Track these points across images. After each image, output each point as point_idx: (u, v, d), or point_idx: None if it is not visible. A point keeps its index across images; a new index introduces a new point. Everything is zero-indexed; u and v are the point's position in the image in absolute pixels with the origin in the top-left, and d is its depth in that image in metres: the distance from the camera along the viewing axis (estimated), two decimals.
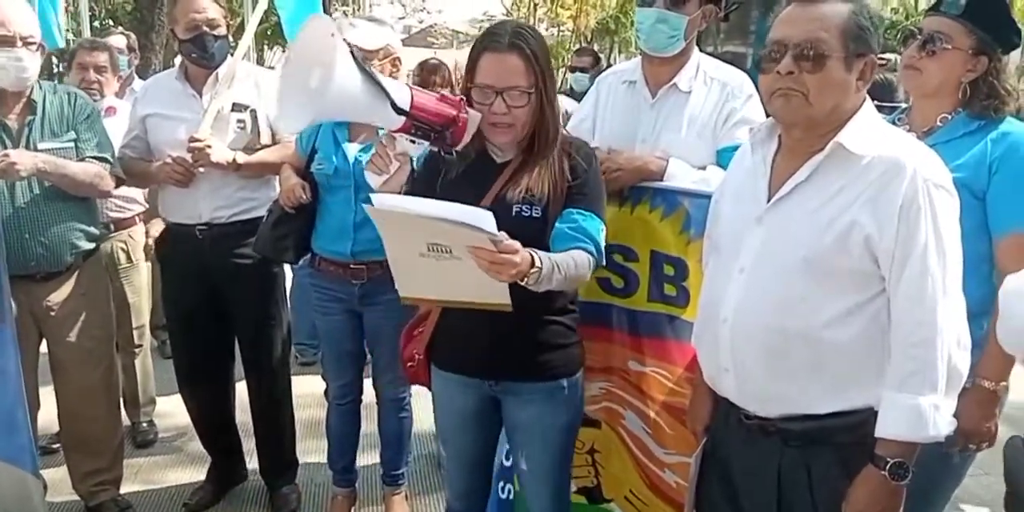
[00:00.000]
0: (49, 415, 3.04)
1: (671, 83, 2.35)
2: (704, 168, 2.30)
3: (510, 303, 1.80)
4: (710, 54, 2.53)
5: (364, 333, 2.96)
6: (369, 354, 3.07)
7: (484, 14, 31.33)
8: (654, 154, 2.29)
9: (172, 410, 3.77)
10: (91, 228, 2.91)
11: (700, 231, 2.08)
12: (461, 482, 2.30)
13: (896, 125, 2.12)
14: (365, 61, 1.84)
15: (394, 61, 2.81)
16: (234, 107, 2.94)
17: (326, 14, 4.17)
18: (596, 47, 22.82)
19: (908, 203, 1.57)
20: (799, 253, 1.65)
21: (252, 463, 3.37)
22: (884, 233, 1.58)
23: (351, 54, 1.79)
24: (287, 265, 3.17)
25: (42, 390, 2.96)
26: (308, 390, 3.97)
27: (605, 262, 2.03)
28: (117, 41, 4.42)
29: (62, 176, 2.71)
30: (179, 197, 2.96)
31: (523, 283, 1.75)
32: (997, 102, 2.02)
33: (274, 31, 16.24)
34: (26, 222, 2.72)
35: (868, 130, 1.66)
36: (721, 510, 1.88)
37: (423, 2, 31.29)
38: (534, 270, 1.74)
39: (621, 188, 2.25)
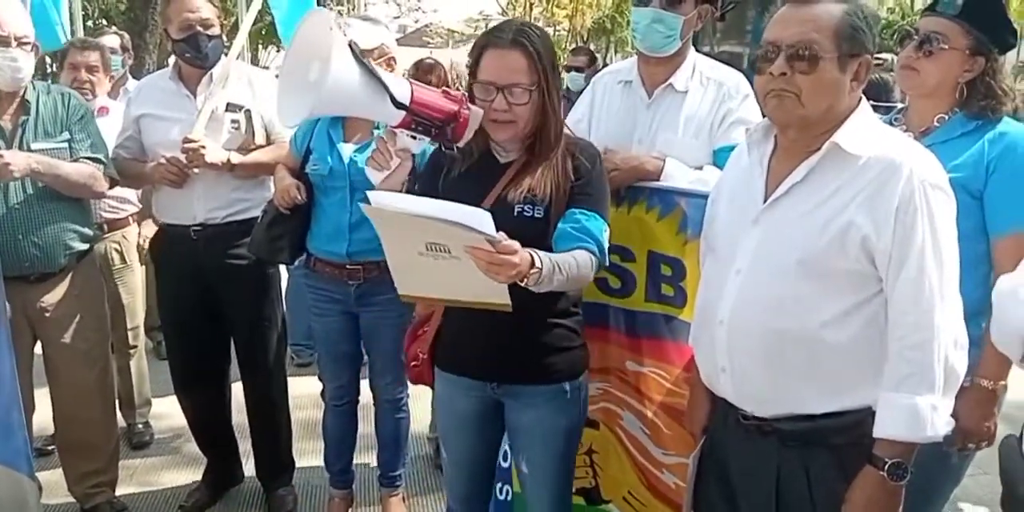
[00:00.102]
0: (44, 417, 3.02)
1: (667, 83, 2.35)
2: (701, 168, 2.30)
3: (510, 303, 1.78)
4: (706, 54, 2.52)
5: (360, 334, 2.95)
6: (366, 355, 3.06)
7: (480, 13, 31.25)
8: (650, 154, 2.29)
9: (168, 411, 3.76)
10: (85, 229, 2.89)
11: (697, 231, 2.07)
12: (461, 485, 2.28)
13: (893, 125, 2.13)
14: (365, 57, 1.83)
15: (389, 61, 2.80)
16: (228, 107, 2.93)
17: None
18: (592, 47, 22.82)
19: (905, 204, 1.57)
20: (795, 254, 1.64)
21: (248, 465, 3.36)
22: (881, 234, 1.58)
23: (350, 48, 1.77)
24: (282, 266, 3.15)
25: (37, 392, 2.95)
26: (304, 391, 3.95)
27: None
28: (111, 41, 4.40)
29: (56, 177, 2.69)
30: (173, 198, 2.95)
31: (523, 284, 1.72)
32: (994, 102, 2.02)
33: (268, 31, 16.22)
34: (20, 223, 2.71)
35: (864, 130, 1.65)
36: (719, 511, 1.87)
37: (418, 1, 31.21)
38: (534, 271, 1.71)
39: (618, 188, 2.24)
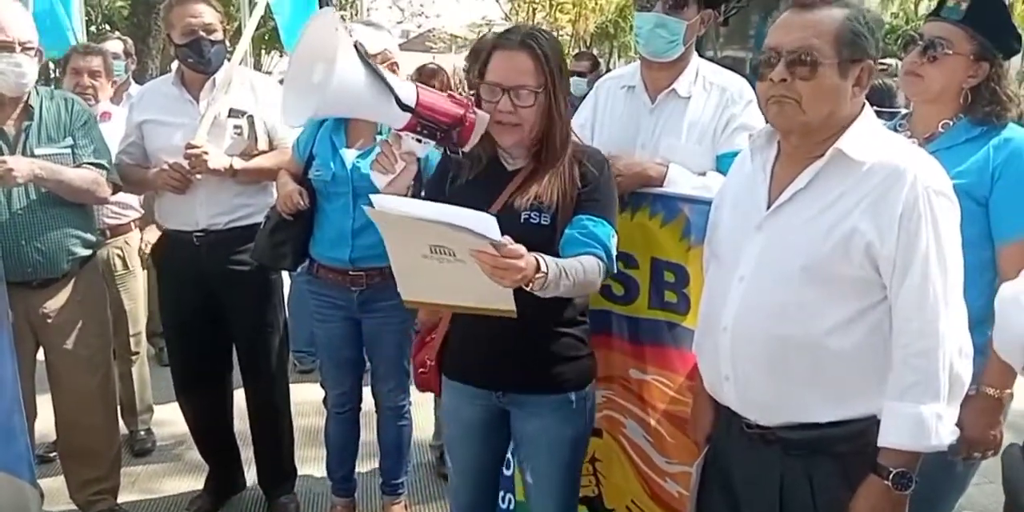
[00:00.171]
0: (46, 423, 3.02)
1: (670, 88, 2.34)
2: (704, 174, 2.29)
3: (515, 309, 1.75)
4: (709, 59, 2.52)
5: (363, 340, 2.94)
6: (368, 361, 3.05)
7: (483, 19, 31.26)
8: (654, 160, 2.28)
9: (170, 418, 3.75)
10: (88, 235, 2.89)
11: (700, 237, 2.07)
12: (466, 493, 2.25)
13: (897, 131, 2.12)
14: (370, 58, 1.81)
15: (392, 66, 2.79)
16: (231, 113, 2.93)
17: None
18: (595, 51, 22.82)
19: (908, 210, 1.56)
20: (798, 261, 1.63)
21: (250, 472, 3.35)
22: (885, 240, 1.57)
23: (356, 49, 1.76)
24: (285, 272, 3.14)
25: (39, 398, 2.94)
26: (307, 398, 3.93)
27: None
28: (114, 46, 4.40)
29: (59, 182, 2.69)
30: (176, 204, 2.95)
31: (528, 289, 1.70)
32: (999, 108, 2.01)
33: (271, 36, 16.23)
34: (23, 228, 2.70)
35: (868, 136, 1.65)
36: None
37: (421, 7, 31.24)
38: (539, 275, 1.69)
39: (621, 194, 2.23)
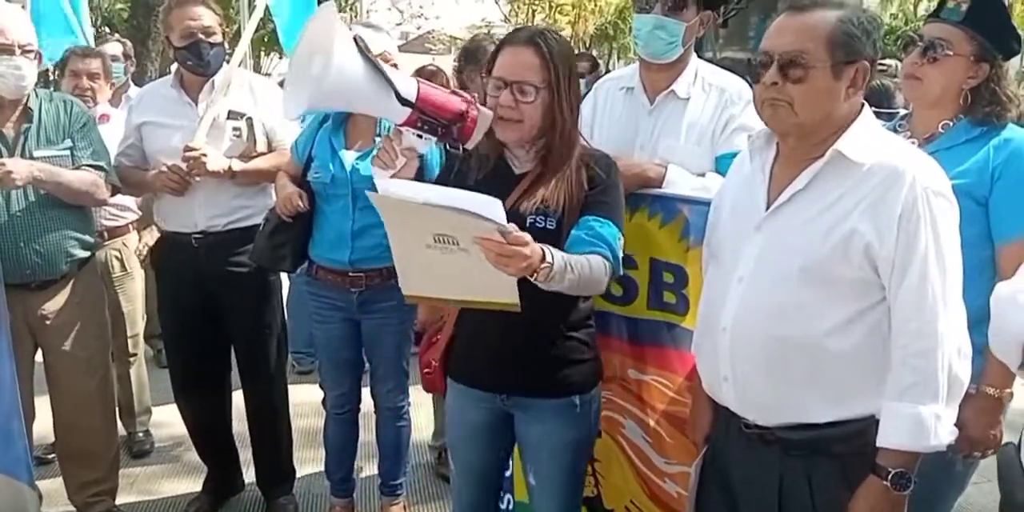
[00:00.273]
0: (44, 425, 3.01)
1: (669, 89, 2.34)
2: (703, 175, 2.29)
3: (519, 302, 1.72)
4: (709, 60, 2.52)
5: (362, 341, 2.94)
6: (367, 362, 3.05)
7: (482, 20, 31.32)
8: (653, 161, 2.28)
9: (168, 420, 3.75)
10: (86, 236, 2.88)
11: (699, 238, 2.07)
12: (468, 495, 2.25)
13: (897, 132, 2.12)
14: (369, 52, 1.81)
15: (391, 67, 2.79)
16: (230, 115, 2.93)
17: None
18: (595, 53, 22.86)
19: (908, 211, 1.56)
20: (797, 261, 1.64)
21: (249, 473, 3.34)
22: (884, 241, 1.57)
23: (355, 42, 1.75)
24: (283, 273, 3.14)
25: (37, 400, 2.94)
26: (305, 399, 3.94)
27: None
28: (113, 48, 4.41)
29: (58, 184, 2.69)
30: (175, 205, 2.95)
31: (532, 279, 1.69)
32: (999, 108, 2.01)
33: (270, 38, 16.25)
34: (21, 230, 2.70)
35: (867, 138, 1.65)
36: None
37: (421, 8, 31.30)
38: (544, 265, 1.67)
39: None
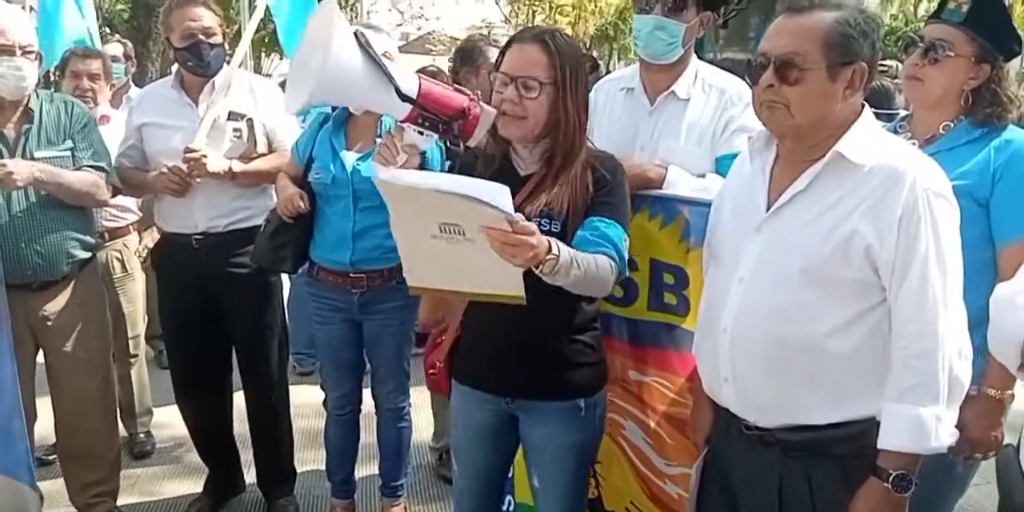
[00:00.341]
0: (46, 426, 3.02)
1: (669, 90, 2.34)
2: (703, 176, 2.29)
3: (524, 295, 1.71)
4: (709, 61, 2.52)
5: (363, 342, 2.94)
6: (368, 363, 3.05)
7: (482, 21, 31.31)
8: (653, 162, 2.28)
9: (169, 421, 3.75)
10: (87, 237, 2.88)
11: (700, 239, 2.07)
12: (471, 497, 2.24)
13: (897, 133, 2.12)
14: (370, 46, 1.80)
15: None
16: (230, 116, 2.93)
17: None
18: (595, 54, 22.87)
19: (908, 212, 1.56)
20: (798, 262, 1.64)
21: (250, 474, 3.34)
22: (884, 242, 1.57)
23: (355, 36, 1.75)
24: (284, 274, 3.14)
25: (39, 401, 2.94)
26: (306, 400, 3.94)
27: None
28: (114, 49, 4.41)
29: (58, 185, 2.69)
30: (175, 206, 2.95)
31: (538, 271, 1.68)
32: (1000, 110, 2.01)
33: (271, 39, 16.24)
34: (22, 231, 2.70)
35: (867, 139, 1.65)
36: None
37: (421, 9, 31.26)
38: (550, 256, 1.66)
39: None
